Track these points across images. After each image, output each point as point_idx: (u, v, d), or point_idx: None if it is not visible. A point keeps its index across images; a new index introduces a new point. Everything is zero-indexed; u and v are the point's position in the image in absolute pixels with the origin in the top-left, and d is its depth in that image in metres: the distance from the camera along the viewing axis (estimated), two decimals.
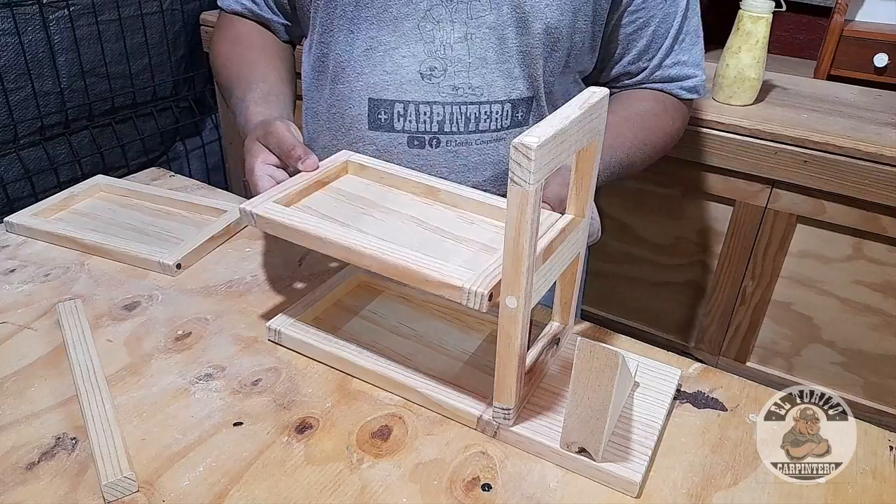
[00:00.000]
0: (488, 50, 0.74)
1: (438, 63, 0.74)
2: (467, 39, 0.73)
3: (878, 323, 1.08)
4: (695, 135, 1.08)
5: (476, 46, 0.74)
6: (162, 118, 1.50)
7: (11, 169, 1.26)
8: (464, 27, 0.73)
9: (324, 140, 0.84)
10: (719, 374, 0.62)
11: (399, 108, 0.76)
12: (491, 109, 0.76)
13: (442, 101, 0.75)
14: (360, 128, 0.78)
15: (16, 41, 1.20)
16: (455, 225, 0.60)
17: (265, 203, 0.58)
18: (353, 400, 0.57)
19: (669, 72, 0.82)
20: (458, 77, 0.75)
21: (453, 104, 0.75)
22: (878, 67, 1.25)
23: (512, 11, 0.72)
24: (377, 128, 0.78)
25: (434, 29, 0.73)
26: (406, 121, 0.77)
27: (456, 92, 0.75)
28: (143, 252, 0.74)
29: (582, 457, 0.50)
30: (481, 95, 0.76)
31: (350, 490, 0.49)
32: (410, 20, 0.73)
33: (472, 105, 0.76)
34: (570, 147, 0.48)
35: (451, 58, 0.74)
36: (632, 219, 1.24)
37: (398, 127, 0.77)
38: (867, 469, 0.52)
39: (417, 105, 0.76)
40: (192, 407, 0.56)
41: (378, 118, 0.77)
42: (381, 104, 0.76)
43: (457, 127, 0.76)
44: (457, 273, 0.49)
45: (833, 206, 1.04)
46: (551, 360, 0.60)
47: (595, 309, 1.36)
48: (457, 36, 0.73)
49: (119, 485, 0.47)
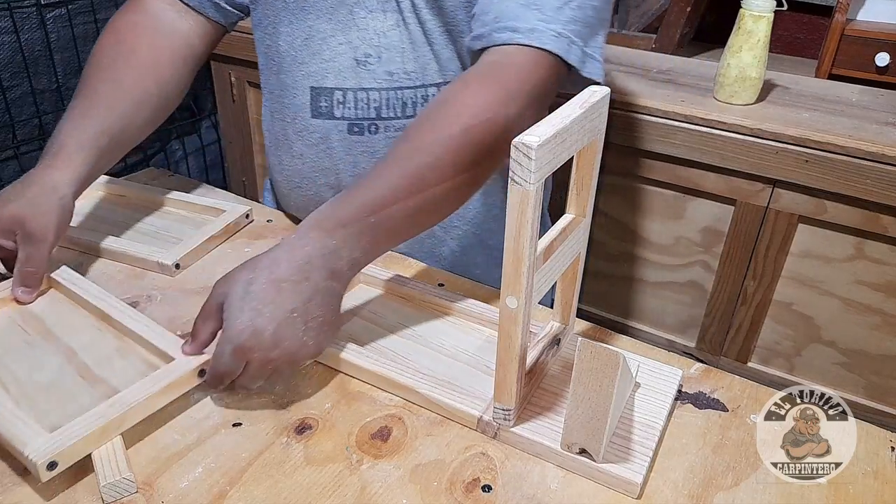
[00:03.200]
0: (416, 33, 0.74)
1: (373, 50, 0.74)
2: (398, 26, 0.74)
3: (880, 323, 1.08)
4: (696, 134, 1.07)
5: (406, 32, 0.74)
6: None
7: (10, 169, 1.25)
8: (394, 14, 0.73)
9: (275, 130, 0.85)
10: (720, 375, 0.61)
11: (338, 96, 0.76)
12: (427, 93, 0.77)
13: (378, 87, 0.76)
14: (304, 116, 0.79)
15: (13, 39, 1.20)
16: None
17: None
18: (353, 400, 0.57)
19: (506, 15, 0.63)
20: (392, 63, 0.75)
21: (389, 90, 0.76)
22: (880, 67, 1.25)
23: None
24: (319, 115, 0.78)
25: (368, 16, 0.74)
26: (345, 108, 0.77)
27: (391, 77, 0.75)
28: (142, 252, 0.74)
29: (582, 458, 0.50)
30: (416, 80, 0.76)
31: (350, 491, 0.49)
32: (344, 8, 0.74)
33: (409, 90, 0.76)
34: (571, 146, 0.47)
35: (384, 44, 0.74)
36: (632, 219, 1.23)
37: (338, 114, 0.77)
38: (868, 469, 0.52)
39: (355, 92, 0.76)
40: (191, 407, 0.56)
41: (319, 106, 0.78)
42: (322, 92, 0.77)
43: (394, 112, 0.77)
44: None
45: (834, 206, 1.03)
46: (551, 361, 0.59)
47: (595, 309, 1.35)
48: (389, 23, 0.74)
49: (118, 485, 0.47)
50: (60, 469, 0.47)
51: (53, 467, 0.47)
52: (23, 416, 0.50)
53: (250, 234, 0.82)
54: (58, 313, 0.64)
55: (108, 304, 0.63)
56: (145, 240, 0.79)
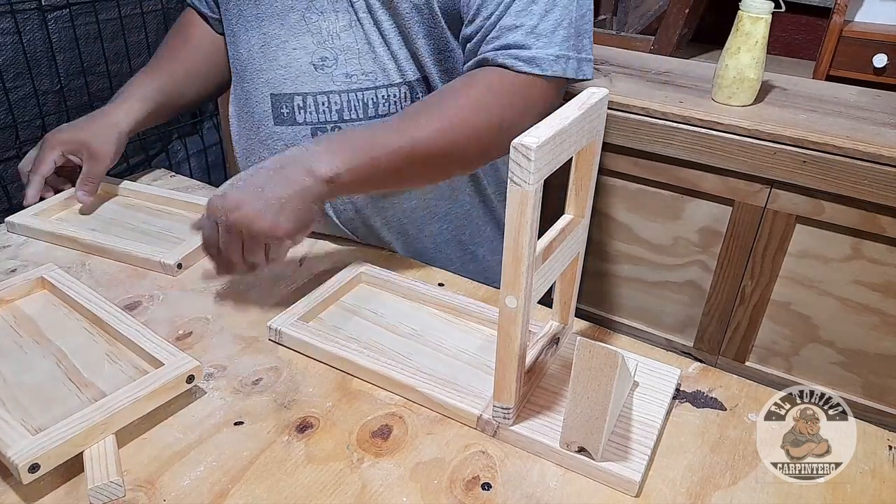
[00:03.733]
0: (372, 34, 0.74)
1: (329, 53, 0.74)
2: (352, 27, 0.74)
3: (878, 323, 1.08)
4: (694, 135, 1.08)
5: (361, 33, 0.74)
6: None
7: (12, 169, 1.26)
8: (347, 15, 0.74)
9: (242, 141, 0.85)
10: (718, 374, 0.62)
11: (298, 101, 0.77)
12: (388, 93, 0.76)
13: (338, 90, 0.76)
14: (267, 124, 0.79)
15: (15, 40, 1.20)
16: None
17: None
18: (354, 399, 0.58)
19: (508, 36, 0.69)
20: (349, 65, 0.75)
21: (349, 92, 0.76)
22: (878, 68, 1.26)
23: None
24: (281, 122, 0.78)
25: (319, 20, 0.74)
26: (307, 113, 0.77)
27: (350, 79, 0.75)
28: (145, 252, 0.74)
29: (581, 456, 0.50)
30: (376, 80, 0.76)
31: (350, 489, 0.49)
32: (295, 12, 0.74)
33: (369, 91, 0.76)
34: (570, 147, 0.48)
35: (340, 46, 0.75)
36: (631, 219, 1.24)
37: (300, 119, 0.78)
38: (866, 469, 0.52)
39: (315, 96, 0.76)
40: (193, 406, 0.56)
41: (281, 113, 0.78)
42: (282, 98, 0.77)
43: (356, 114, 0.77)
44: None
45: (832, 207, 1.04)
46: (551, 360, 0.60)
47: (595, 309, 1.36)
48: (342, 24, 0.74)
49: (105, 489, 0.47)
50: (43, 472, 0.47)
51: (35, 470, 0.46)
52: (7, 418, 0.50)
53: None
54: (50, 316, 0.65)
55: (101, 308, 0.63)
56: (148, 240, 0.79)
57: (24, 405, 0.54)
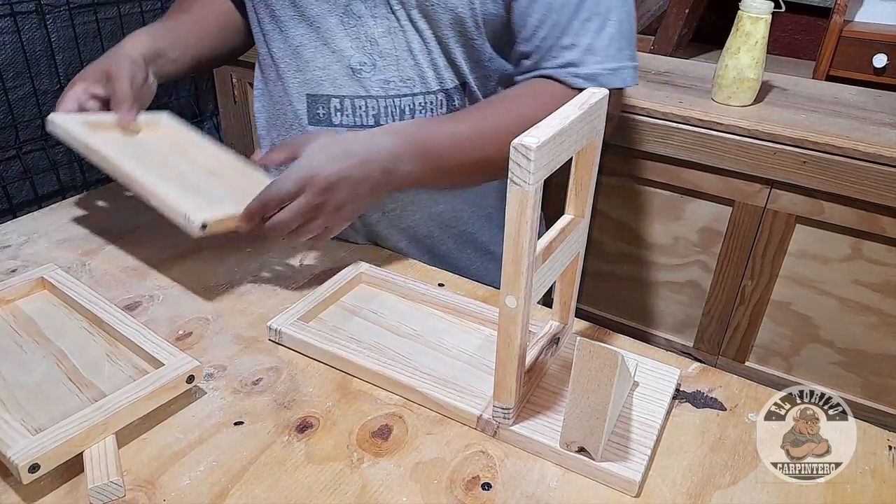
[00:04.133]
0: (412, 42, 0.74)
1: (367, 58, 0.74)
2: (390, 33, 0.74)
3: (877, 323, 1.08)
4: (694, 135, 1.08)
5: (400, 40, 0.74)
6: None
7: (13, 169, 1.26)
8: (385, 21, 0.73)
9: (272, 137, 0.85)
10: (718, 374, 0.62)
11: (335, 103, 0.77)
12: (426, 100, 0.76)
13: (375, 96, 0.76)
14: (302, 123, 0.79)
15: (15, 40, 1.20)
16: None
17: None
18: (354, 399, 0.58)
19: (565, 55, 0.71)
20: (387, 71, 0.75)
21: (386, 97, 0.76)
22: (877, 68, 1.26)
23: (419, 5, 0.72)
24: (317, 122, 0.78)
25: (357, 24, 0.74)
26: (343, 115, 0.77)
27: (388, 85, 0.75)
28: (173, 199, 0.64)
29: (581, 456, 0.51)
30: (413, 87, 0.76)
31: (350, 489, 0.49)
32: (333, 16, 0.74)
33: (406, 97, 0.76)
34: (570, 147, 0.48)
35: (378, 52, 0.74)
36: (631, 219, 1.24)
37: (336, 121, 0.77)
38: (866, 469, 0.52)
39: (353, 100, 0.76)
40: (193, 406, 0.56)
41: (317, 113, 0.78)
42: (319, 99, 0.77)
43: (392, 119, 0.77)
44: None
45: (832, 207, 1.04)
46: (551, 360, 0.60)
47: (594, 309, 1.36)
48: (380, 30, 0.74)
49: (105, 489, 0.47)
50: (43, 472, 0.47)
51: (35, 470, 0.46)
52: (7, 418, 0.50)
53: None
54: (50, 316, 0.65)
55: (100, 308, 0.63)
56: (185, 195, 0.67)
57: (24, 405, 0.54)
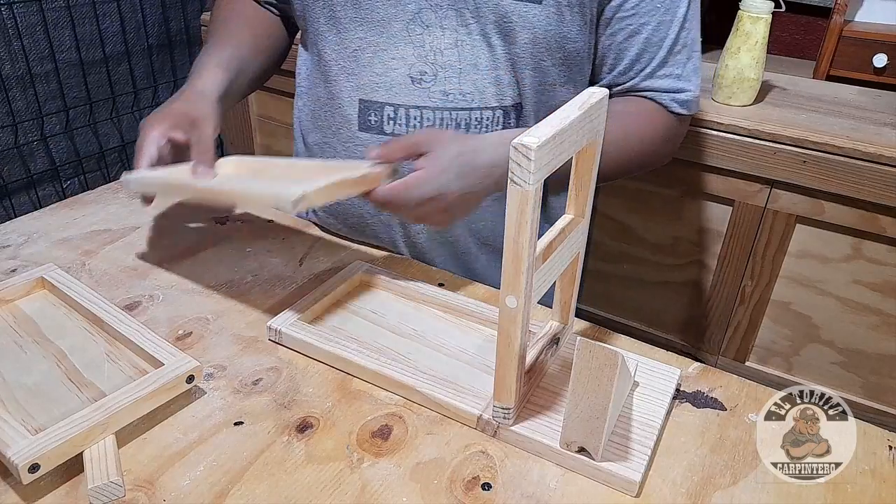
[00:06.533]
0: (479, 56, 0.73)
1: (429, 68, 0.73)
2: (457, 46, 0.73)
3: (877, 323, 1.08)
4: (694, 135, 1.08)
5: (466, 53, 0.73)
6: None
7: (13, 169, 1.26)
8: (454, 33, 0.72)
9: (314, 138, 0.84)
10: (718, 374, 0.62)
11: (389, 111, 0.76)
12: (482, 116, 0.76)
13: (433, 107, 0.75)
14: (351, 128, 0.78)
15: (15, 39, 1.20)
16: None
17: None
18: (354, 399, 0.58)
19: (661, 83, 0.77)
20: (448, 83, 0.74)
21: (444, 109, 0.75)
22: (878, 68, 1.26)
23: (498, 21, 0.71)
24: (367, 129, 0.77)
25: (423, 33, 0.72)
26: (396, 124, 0.76)
27: (447, 97, 0.74)
28: (267, 189, 0.63)
29: (581, 456, 0.51)
30: (472, 101, 0.75)
31: (350, 489, 0.49)
32: (398, 22, 0.73)
33: (463, 111, 0.75)
34: (570, 147, 0.48)
35: (441, 63, 0.73)
36: (631, 219, 1.24)
37: (388, 130, 0.77)
38: (866, 469, 0.52)
39: (408, 109, 0.75)
40: (193, 406, 0.56)
41: (368, 120, 0.77)
42: (372, 106, 0.76)
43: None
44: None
45: (832, 206, 1.04)
46: (551, 360, 0.60)
47: (595, 309, 1.36)
48: (447, 42, 0.73)
49: (105, 489, 0.47)
50: (43, 472, 0.47)
51: (35, 470, 0.46)
52: (7, 418, 0.50)
53: (251, 234, 0.82)
54: (50, 316, 0.65)
55: (100, 308, 0.63)
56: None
57: (23, 405, 0.54)
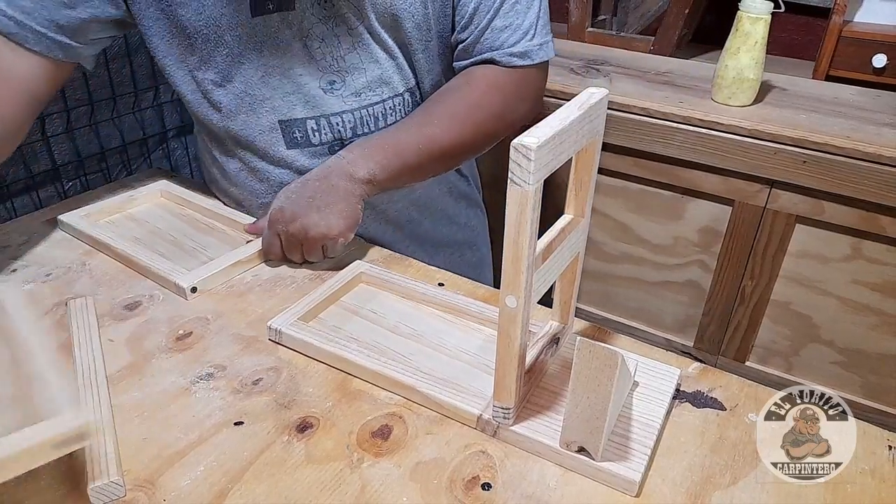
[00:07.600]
0: (377, 52, 0.76)
1: (336, 76, 0.76)
2: (356, 48, 0.75)
3: (877, 323, 1.08)
4: (694, 135, 1.08)
5: (366, 52, 0.76)
6: (167, 116, 1.51)
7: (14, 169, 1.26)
8: (349, 38, 0.75)
9: (234, 165, 0.84)
10: (718, 374, 0.62)
11: (311, 125, 0.78)
12: (394, 102, 0.80)
13: (349, 109, 0.78)
14: (278, 149, 0.80)
15: None
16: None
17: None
18: (354, 399, 0.58)
19: (500, 36, 0.77)
20: (357, 83, 0.77)
21: (360, 108, 0.78)
22: (877, 68, 1.26)
23: (382, 16, 0.74)
24: (295, 146, 0.79)
25: (322, 46, 0.75)
26: (321, 134, 0.79)
27: (359, 98, 0.78)
28: (165, 270, 0.72)
29: (581, 456, 0.51)
30: (383, 93, 0.78)
31: (350, 489, 0.49)
32: (297, 41, 0.74)
33: (377, 105, 0.79)
34: (570, 147, 0.48)
35: (345, 68, 0.76)
36: (631, 219, 1.24)
37: (315, 141, 0.79)
38: (866, 468, 0.52)
39: (328, 118, 0.78)
40: (193, 406, 0.56)
41: (294, 137, 0.79)
42: (294, 124, 0.78)
43: (368, 128, 0.79)
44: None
45: (832, 206, 1.04)
46: (551, 360, 0.60)
47: (594, 309, 1.36)
48: (345, 48, 0.75)
49: (105, 489, 0.47)
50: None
51: None
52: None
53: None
54: None
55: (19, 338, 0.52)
56: (180, 256, 0.77)
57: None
